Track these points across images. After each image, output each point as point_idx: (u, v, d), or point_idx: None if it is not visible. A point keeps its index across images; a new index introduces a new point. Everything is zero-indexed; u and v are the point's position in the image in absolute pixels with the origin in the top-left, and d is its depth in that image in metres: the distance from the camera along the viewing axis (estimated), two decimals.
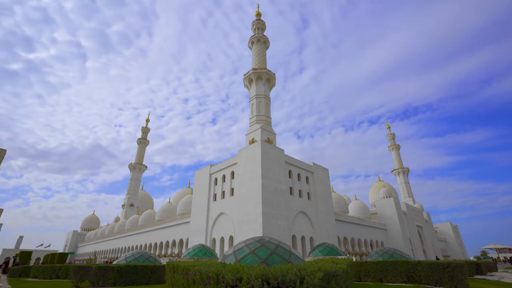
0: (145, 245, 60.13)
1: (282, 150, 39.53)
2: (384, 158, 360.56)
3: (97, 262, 69.31)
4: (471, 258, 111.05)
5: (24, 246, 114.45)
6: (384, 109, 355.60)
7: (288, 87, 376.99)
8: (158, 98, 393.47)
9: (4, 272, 38.71)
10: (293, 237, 36.40)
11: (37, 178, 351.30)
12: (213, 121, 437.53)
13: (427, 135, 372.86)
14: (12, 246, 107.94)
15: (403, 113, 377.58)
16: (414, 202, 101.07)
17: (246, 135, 48.66)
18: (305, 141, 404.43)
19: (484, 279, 22.42)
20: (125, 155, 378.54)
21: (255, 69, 53.04)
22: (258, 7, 64.10)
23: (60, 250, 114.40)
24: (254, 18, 62.08)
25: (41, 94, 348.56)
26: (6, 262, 42.15)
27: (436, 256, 64.10)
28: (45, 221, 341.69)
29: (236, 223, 35.51)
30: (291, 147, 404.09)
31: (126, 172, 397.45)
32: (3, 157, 17.09)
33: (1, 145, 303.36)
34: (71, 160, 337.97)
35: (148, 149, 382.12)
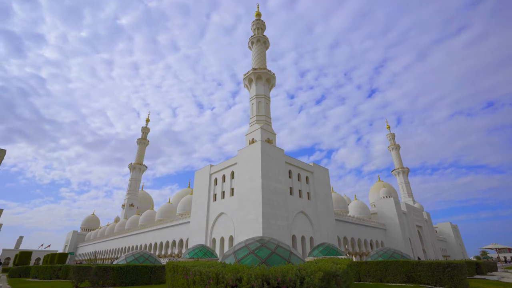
0: (145, 245, 60.10)
1: (282, 150, 39.52)
2: (471, 149, 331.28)
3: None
4: (471, 258, 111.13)
5: (24, 246, 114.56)
6: None
7: (429, 55, 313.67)
8: (274, 67, 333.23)
9: None
10: (293, 237, 36.39)
11: (82, 171, 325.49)
12: (320, 101, 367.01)
13: None
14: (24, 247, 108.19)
15: None
16: (414, 202, 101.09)
17: (246, 135, 48.67)
18: (403, 125, 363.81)
19: (484, 279, 22.43)
20: (193, 143, 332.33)
21: (255, 69, 53.03)
22: (258, 7, 64.09)
23: (60, 250, 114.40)
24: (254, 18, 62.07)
25: (137, 63, 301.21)
26: None
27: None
28: (64, 220, 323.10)
29: (236, 223, 35.51)
30: (377, 136, 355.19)
31: (185, 163, 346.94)
32: (3, 157, 17.11)
33: (63, 130, 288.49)
34: (130, 148, 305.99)
35: (225, 136, 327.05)
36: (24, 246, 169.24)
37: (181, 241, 49.98)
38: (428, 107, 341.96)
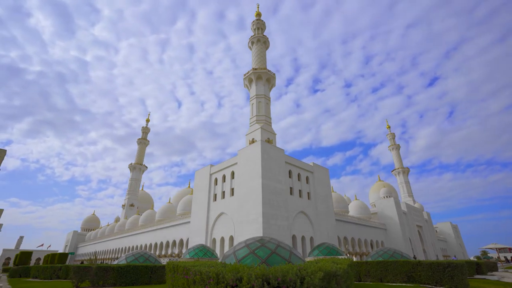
0: (145, 245, 60.12)
1: (282, 150, 39.53)
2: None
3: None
4: (471, 258, 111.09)
5: (27, 246, 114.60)
6: None
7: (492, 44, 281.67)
8: (340, 51, 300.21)
9: None
10: (293, 237, 36.40)
11: (106, 167, 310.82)
12: (377, 89, 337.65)
13: None
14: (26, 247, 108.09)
15: None
16: (414, 202, 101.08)
17: (246, 135, 48.68)
18: (453, 118, 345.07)
19: (485, 278, 22.42)
20: (230, 136, 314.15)
21: (255, 69, 53.06)
22: (258, 7, 64.10)
23: (60, 250, 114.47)
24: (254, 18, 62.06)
25: (194, 45, 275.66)
26: None
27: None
28: (75, 220, 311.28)
29: (236, 223, 35.51)
30: (424, 130, 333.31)
31: (216, 158, 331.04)
32: (3, 158, 17.13)
33: (95, 121, 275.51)
34: (161, 143, 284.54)
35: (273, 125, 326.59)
36: (27, 246, 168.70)
37: (181, 241, 49.99)
38: (488, 96, 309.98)
